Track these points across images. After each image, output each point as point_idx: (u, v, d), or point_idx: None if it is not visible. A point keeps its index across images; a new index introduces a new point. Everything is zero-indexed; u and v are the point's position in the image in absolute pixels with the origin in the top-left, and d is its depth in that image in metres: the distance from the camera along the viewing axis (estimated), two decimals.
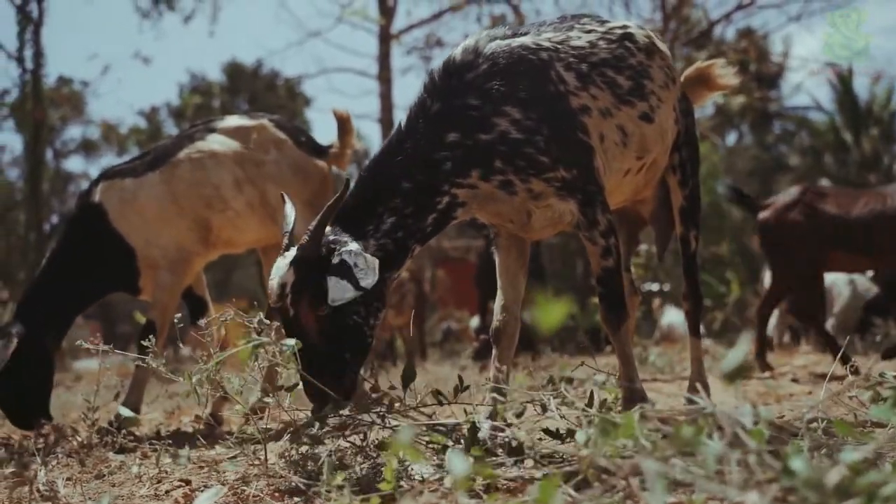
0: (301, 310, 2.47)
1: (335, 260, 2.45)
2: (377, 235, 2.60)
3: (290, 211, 2.70)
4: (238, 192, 4.43)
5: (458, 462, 1.08)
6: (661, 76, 3.14)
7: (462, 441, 2.22)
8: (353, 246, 2.50)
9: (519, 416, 2.37)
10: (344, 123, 4.69)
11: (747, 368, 1.26)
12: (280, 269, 2.49)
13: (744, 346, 1.26)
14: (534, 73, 2.76)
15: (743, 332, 9.88)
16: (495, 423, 2.28)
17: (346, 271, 2.43)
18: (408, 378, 2.53)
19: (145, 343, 2.77)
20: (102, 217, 4.35)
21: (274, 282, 2.48)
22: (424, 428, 2.35)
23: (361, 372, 2.62)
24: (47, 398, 4.24)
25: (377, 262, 2.48)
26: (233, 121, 4.66)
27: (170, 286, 4.36)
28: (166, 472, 2.63)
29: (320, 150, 4.65)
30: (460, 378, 2.59)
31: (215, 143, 4.50)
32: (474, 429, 2.20)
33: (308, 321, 2.47)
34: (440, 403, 2.52)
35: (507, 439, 2.17)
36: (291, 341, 2.33)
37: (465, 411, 2.48)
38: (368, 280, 2.43)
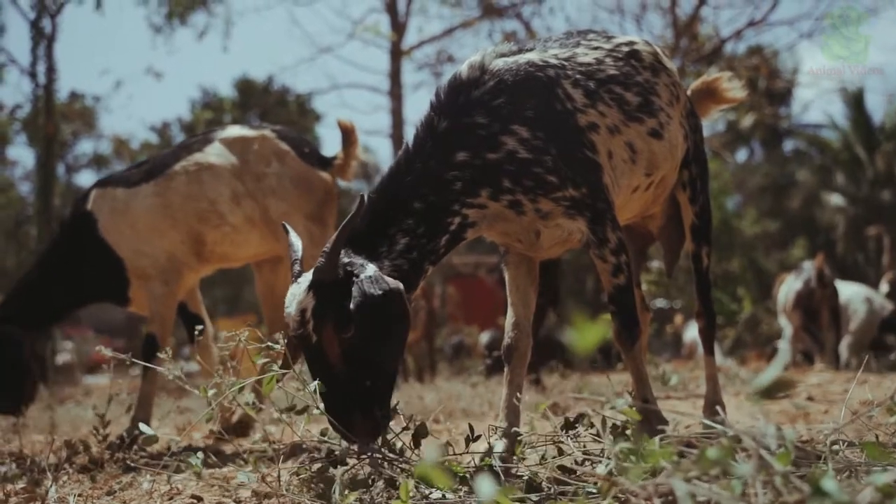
0: (325, 335, 2.35)
1: (357, 290, 2.34)
2: (392, 256, 2.54)
3: (295, 239, 2.62)
4: (236, 207, 4.35)
5: (487, 486, 1.06)
6: (667, 94, 3.13)
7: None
8: (371, 270, 2.41)
9: (542, 458, 2.32)
10: (348, 134, 4.62)
11: (782, 386, 1.23)
12: (297, 295, 2.40)
13: (779, 364, 1.24)
14: (541, 90, 2.74)
15: (778, 350, 9.82)
16: (509, 466, 2.26)
17: (382, 322, 2.35)
18: (419, 436, 2.46)
19: (162, 355, 2.72)
20: (92, 226, 4.32)
21: (292, 309, 2.38)
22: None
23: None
24: (19, 387, 4.27)
25: (400, 284, 2.41)
26: (234, 131, 4.58)
27: (164, 297, 4.31)
28: (178, 489, 2.61)
29: (324, 162, 4.58)
30: (471, 427, 2.54)
31: (213, 155, 4.42)
32: (491, 469, 2.17)
33: (332, 347, 2.35)
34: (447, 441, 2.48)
35: (524, 476, 2.13)
36: (314, 384, 2.29)
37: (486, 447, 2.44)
38: (404, 324, 2.41)
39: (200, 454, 2.36)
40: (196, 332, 3.16)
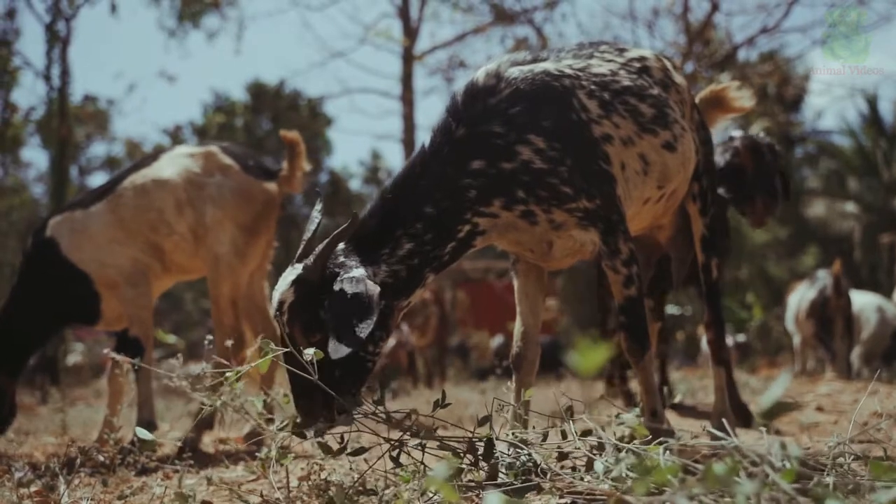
0: (294, 332, 2.40)
1: (336, 287, 2.35)
2: (391, 260, 2.53)
3: (316, 216, 2.64)
4: (180, 216, 4.51)
5: (494, 500, 1.07)
6: (678, 109, 3.14)
7: (476, 457, 2.20)
8: (357, 272, 2.40)
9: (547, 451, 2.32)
10: (294, 147, 4.78)
11: (786, 406, 1.24)
12: (285, 281, 2.43)
13: (783, 383, 1.24)
14: (556, 100, 2.74)
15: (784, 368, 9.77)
16: (513, 443, 2.25)
17: (343, 317, 2.32)
18: (386, 381, 2.50)
19: (173, 361, 2.76)
20: (55, 249, 4.43)
21: (276, 295, 2.44)
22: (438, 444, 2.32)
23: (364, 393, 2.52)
24: None
25: (378, 290, 2.38)
26: (181, 149, 4.79)
27: (136, 298, 4.43)
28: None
29: (269, 174, 4.76)
30: (443, 393, 2.55)
31: (160, 168, 4.61)
32: (490, 443, 2.18)
33: (301, 341, 2.39)
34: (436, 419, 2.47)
35: (525, 460, 2.13)
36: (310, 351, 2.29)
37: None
38: (364, 326, 2.29)
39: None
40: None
